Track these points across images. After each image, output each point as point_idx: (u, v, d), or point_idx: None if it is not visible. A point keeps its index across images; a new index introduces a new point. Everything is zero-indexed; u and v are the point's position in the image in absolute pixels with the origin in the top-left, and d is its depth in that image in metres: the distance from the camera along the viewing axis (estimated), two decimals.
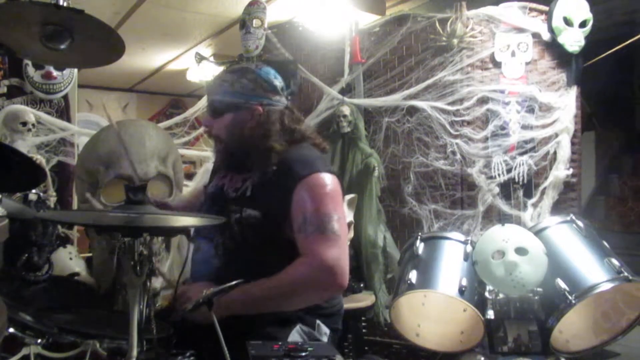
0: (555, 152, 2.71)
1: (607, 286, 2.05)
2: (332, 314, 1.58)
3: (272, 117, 1.55)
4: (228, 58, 3.79)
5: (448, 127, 2.86)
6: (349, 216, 2.71)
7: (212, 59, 4.23)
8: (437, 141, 2.91)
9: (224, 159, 1.63)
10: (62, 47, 1.35)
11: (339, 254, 1.41)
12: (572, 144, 2.71)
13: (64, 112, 3.09)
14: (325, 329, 1.53)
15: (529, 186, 2.73)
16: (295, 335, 1.45)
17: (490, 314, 2.17)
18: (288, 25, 3.37)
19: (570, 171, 2.68)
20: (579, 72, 2.71)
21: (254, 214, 1.47)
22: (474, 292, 2.22)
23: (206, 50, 4.99)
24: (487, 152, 2.79)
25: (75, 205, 2.91)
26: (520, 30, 2.81)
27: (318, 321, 1.51)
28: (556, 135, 2.71)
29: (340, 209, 1.48)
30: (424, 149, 2.95)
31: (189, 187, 2.96)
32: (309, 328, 1.49)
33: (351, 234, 2.74)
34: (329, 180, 1.48)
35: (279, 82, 1.60)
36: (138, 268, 1.03)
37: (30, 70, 2.94)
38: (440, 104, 2.87)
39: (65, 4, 1.31)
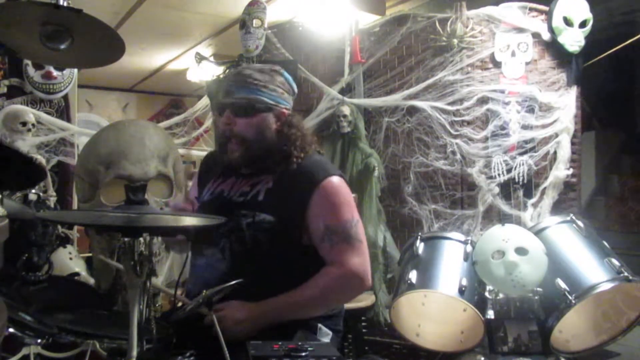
0: (555, 152, 2.71)
1: (607, 286, 2.05)
2: (333, 315, 1.59)
3: (294, 122, 1.57)
4: (228, 58, 3.79)
5: (448, 127, 2.86)
6: None
7: (212, 59, 4.23)
8: (437, 141, 2.90)
9: (240, 159, 1.55)
10: (62, 47, 1.35)
11: (364, 260, 1.51)
12: (572, 144, 2.71)
13: (64, 112, 3.09)
14: (327, 331, 1.53)
15: (529, 186, 2.73)
16: (297, 340, 1.46)
17: (490, 314, 2.17)
18: (288, 25, 3.37)
19: (570, 171, 2.69)
20: (579, 72, 2.71)
21: (268, 219, 1.47)
22: (474, 292, 2.22)
23: (206, 50, 4.99)
24: (487, 152, 2.79)
25: (75, 205, 2.91)
26: (520, 30, 2.81)
27: (319, 324, 1.52)
28: (556, 135, 2.71)
29: (356, 211, 1.55)
30: (424, 149, 2.95)
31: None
32: (311, 332, 1.49)
33: None
34: (342, 184, 1.54)
35: (295, 87, 1.64)
36: (138, 268, 1.03)
37: (30, 70, 2.93)
38: (440, 104, 2.87)
39: (65, 4, 1.31)
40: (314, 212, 1.48)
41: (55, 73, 2.98)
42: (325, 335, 1.52)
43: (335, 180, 1.52)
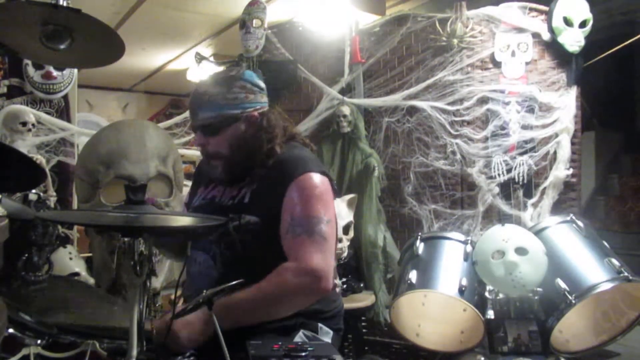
0: (555, 152, 2.71)
1: (607, 286, 2.05)
2: (333, 315, 1.58)
3: (268, 119, 1.53)
4: (228, 58, 3.79)
5: (448, 127, 2.86)
6: (349, 216, 2.71)
7: (212, 59, 4.23)
8: (437, 141, 2.91)
9: (223, 174, 1.54)
10: (62, 47, 1.35)
11: (325, 258, 1.39)
12: (572, 144, 2.71)
13: (64, 112, 3.09)
14: (328, 330, 1.52)
15: (529, 186, 2.73)
16: (298, 340, 1.45)
17: (490, 314, 2.18)
18: (288, 25, 3.37)
19: (570, 171, 2.69)
20: (579, 72, 2.72)
21: (253, 220, 1.43)
22: (474, 292, 2.22)
23: (206, 50, 4.99)
24: (487, 152, 2.79)
25: (75, 205, 2.91)
26: (520, 30, 2.81)
27: (320, 324, 1.51)
28: (556, 135, 2.71)
29: (330, 211, 1.46)
30: (424, 149, 2.95)
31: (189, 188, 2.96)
32: (312, 332, 1.48)
33: (351, 234, 2.74)
34: (319, 180, 1.46)
35: (261, 81, 1.56)
36: (138, 268, 1.03)
37: (30, 70, 2.93)
38: (440, 104, 2.87)
39: (64, 4, 1.31)
40: (285, 206, 1.43)
41: (55, 73, 2.98)
42: (326, 335, 1.51)
43: (313, 175, 1.45)
